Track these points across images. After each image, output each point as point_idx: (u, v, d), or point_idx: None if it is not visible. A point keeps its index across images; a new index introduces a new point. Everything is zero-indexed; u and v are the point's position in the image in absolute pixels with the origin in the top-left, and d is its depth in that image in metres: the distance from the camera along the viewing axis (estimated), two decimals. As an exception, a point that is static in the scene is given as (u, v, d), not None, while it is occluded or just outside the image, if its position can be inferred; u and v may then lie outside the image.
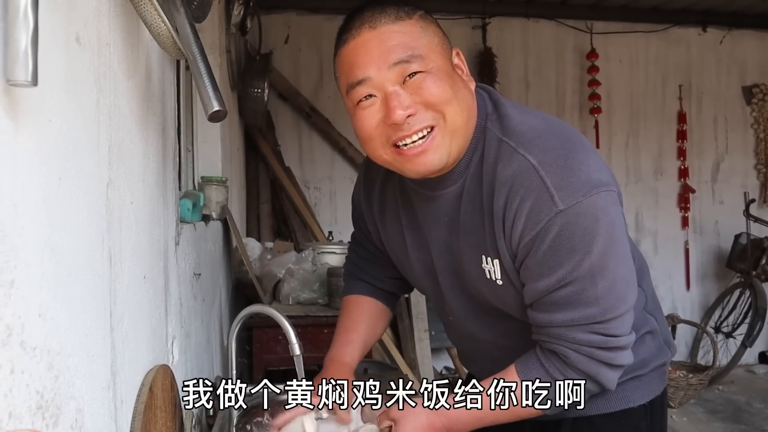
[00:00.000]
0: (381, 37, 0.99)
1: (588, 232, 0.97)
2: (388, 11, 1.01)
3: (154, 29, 0.86)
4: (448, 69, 1.03)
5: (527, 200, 0.98)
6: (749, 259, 4.59)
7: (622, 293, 1.03)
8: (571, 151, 1.00)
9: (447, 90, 1.00)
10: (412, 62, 0.99)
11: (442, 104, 1.00)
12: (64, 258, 0.65)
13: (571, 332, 1.04)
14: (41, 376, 0.58)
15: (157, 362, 1.10)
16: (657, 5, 4.74)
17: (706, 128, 5.07)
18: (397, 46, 0.99)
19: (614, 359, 1.06)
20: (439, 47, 1.03)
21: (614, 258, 1.01)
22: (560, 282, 1.00)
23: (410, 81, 0.99)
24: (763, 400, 4.17)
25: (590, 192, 0.97)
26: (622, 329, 1.05)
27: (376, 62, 0.99)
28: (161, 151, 1.18)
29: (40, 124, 0.60)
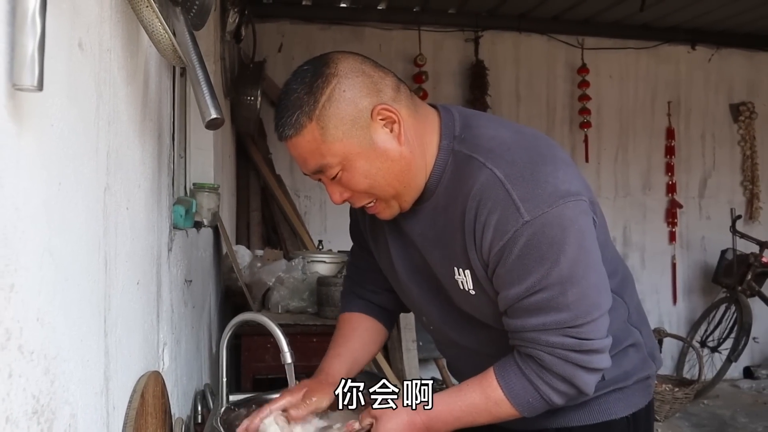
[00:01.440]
0: (294, 149, 1.08)
1: (555, 242, 1.00)
2: (288, 123, 1.06)
3: (154, 36, 0.87)
4: (362, 151, 1.06)
5: (494, 212, 1.02)
6: (735, 275, 4.63)
7: (594, 299, 1.05)
8: (538, 164, 1.04)
9: (365, 179, 1.07)
10: (325, 170, 1.07)
11: (366, 189, 1.09)
12: (62, 262, 0.65)
13: (544, 336, 1.05)
14: (38, 380, 0.58)
15: (149, 368, 1.09)
16: (647, 23, 4.80)
17: (694, 145, 5.13)
18: (307, 158, 1.07)
19: (589, 362, 1.07)
20: (346, 137, 1.05)
21: (583, 266, 1.03)
22: (530, 290, 1.03)
23: (335, 179, 1.09)
24: (748, 414, 4.20)
25: (556, 203, 1.00)
26: (596, 333, 1.06)
27: (301, 166, 1.11)
28: (157, 157, 1.18)
29: (43, 129, 0.60)
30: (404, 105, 1.09)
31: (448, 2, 4.50)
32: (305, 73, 1.07)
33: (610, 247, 1.24)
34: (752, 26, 4.86)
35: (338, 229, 4.28)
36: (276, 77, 4.37)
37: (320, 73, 1.05)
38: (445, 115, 1.14)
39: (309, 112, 1.04)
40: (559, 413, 1.21)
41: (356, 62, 1.07)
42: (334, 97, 1.04)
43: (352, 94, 1.04)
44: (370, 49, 4.48)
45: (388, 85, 1.08)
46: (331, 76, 1.04)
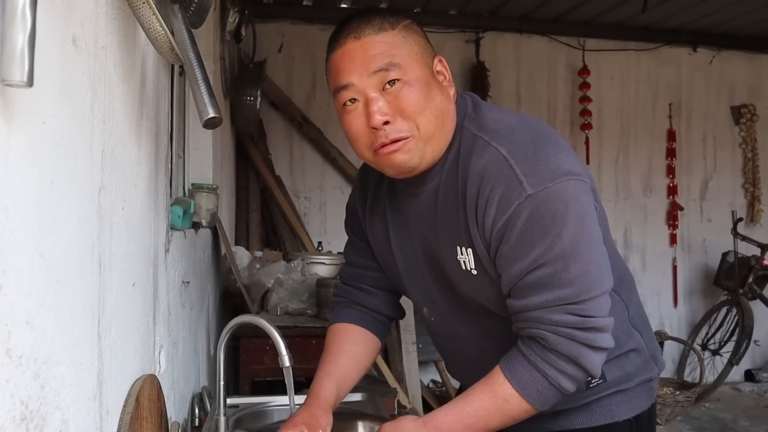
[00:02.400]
0: (364, 47, 1.08)
1: (558, 216, 1.01)
2: (372, 22, 1.09)
3: (151, 33, 0.85)
4: (425, 77, 1.09)
5: (498, 187, 1.04)
6: (736, 277, 4.62)
7: (596, 276, 1.05)
8: (541, 145, 1.06)
9: (421, 100, 1.07)
10: (390, 71, 1.06)
11: (415, 114, 1.07)
12: (54, 264, 0.63)
13: (547, 314, 1.04)
14: (27, 385, 0.56)
15: (144, 371, 1.08)
16: (649, 24, 4.79)
17: (695, 147, 5.11)
18: (377, 55, 1.07)
19: (594, 340, 1.05)
20: (418, 56, 1.10)
21: (586, 242, 1.04)
22: (533, 264, 1.03)
23: (389, 89, 1.07)
24: (749, 417, 4.18)
25: (559, 179, 1.02)
26: (598, 310, 1.05)
27: (358, 70, 1.07)
28: (154, 156, 1.17)
29: (34, 126, 0.58)
30: None
31: (449, 3, 4.49)
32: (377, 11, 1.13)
33: (610, 244, 1.23)
34: (754, 28, 4.85)
35: (338, 231, 4.26)
36: (276, 78, 4.36)
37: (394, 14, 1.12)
38: (459, 97, 1.18)
39: (393, 23, 1.09)
40: (561, 416, 1.21)
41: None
42: (413, 26, 1.12)
43: (422, 36, 1.13)
44: (371, 49, 4.47)
45: None
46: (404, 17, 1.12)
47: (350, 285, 1.40)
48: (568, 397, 1.18)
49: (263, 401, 1.61)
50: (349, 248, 1.41)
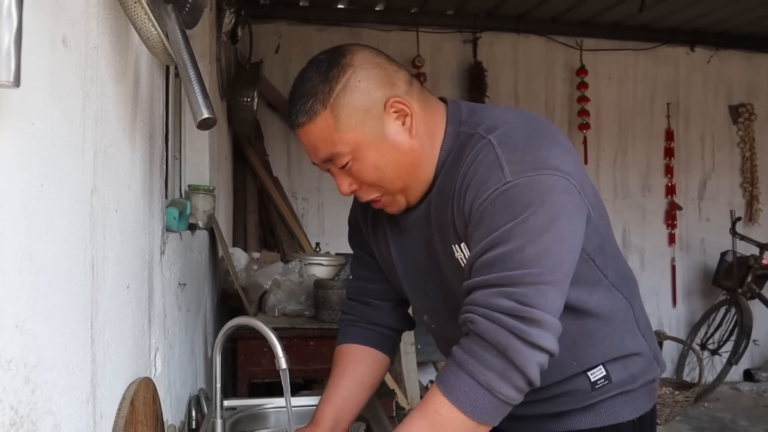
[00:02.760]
0: (306, 137, 1.09)
1: (529, 204, 0.98)
2: (302, 110, 1.06)
3: (144, 33, 0.84)
4: (374, 142, 1.07)
5: (480, 172, 1.03)
6: (735, 277, 4.62)
7: (549, 265, 0.98)
8: (534, 138, 1.04)
9: (375, 170, 1.08)
10: (336, 159, 1.08)
11: (375, 182, 1.09)
12: (44, 267, 0.62)
13: (484, 296, 0.98)
14: (16, 390, 0.55)
15: (139, 374, 1.07)
16: (646, 24, 4.78)
17: (694, 146, 5.11)
18: (318, 147, 1.08)
19: (528, 333, 0.95)
20: (359, 125, 1.06)
21: (551, 235, 0.98)
22: (490, 243, 0.99)
23: (344, 168, 1.09)
24: (749, 417, 4.18)
25: (542, 171, 0.99)
26: (539, 301, 0.96)
27: (312, 155, 1.11)
28: (148, 158, 1.16)
29: (22, 128, 0.57)
30: (416, 99, 1.10)
31: (447, 3, 4.48)
32: (321, 62, 1.08)
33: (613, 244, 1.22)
34: (751, 27, 4.85)
35: (336, 232, 4.26)
36: (273, 78, 4.35)
37: (336, 63, 1.06)
38: (452, 106, 1.15)
39: (323, 100, 1.05)
40: (566, 416, 1.20)
41: (371, 54, 1.09)
42: (349, 86, 1.05)
43: (367, 84, 1.05)
44: (368, 50, 4.46)
45: (401, 78, 1.09)
46: (347, 66, 1.05)
47: (355, 300, 1.39)
48: (573, 398, 1.18)
49: (260, 403, 1.60)
50: (354, 262, 1.41)
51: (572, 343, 1.14)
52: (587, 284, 1.13)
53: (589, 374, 1.18)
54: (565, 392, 1.19)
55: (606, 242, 1.16)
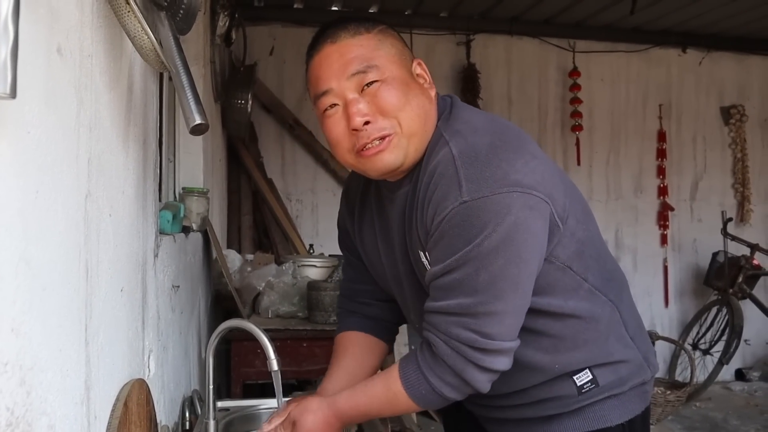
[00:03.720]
0: (341, 51, 1.09)
1: (485, 226, 0.99)
2: (348, 27, 1.11)
3: (137, 42, 0.86)
4: (404, 78, 1.10)
5: (440, 188, 1.04)
6: (726, 277, 4.65)
7: (501, 290, 1.02)
8: (498, 149, 1.04)
9: (401, 98, 1.08)
10: (368, 72, 1.08)
11: (395, 111, 1.08)
12: (40, 271, 0.64)
13: (444, 323, 1.06)
14: (12, 392, 0.57)
15: (133, 376, 1.08)
16: (638, 26, 4.81)
17: (685, 147, 5.14)
18: (354, 58, 1.08)
19: (482, 361, 1.05)
20: (396, 57, 1.11)
21: (504, 256, 1.00)
22: (448, 267, 1.03)
23: (368, 90, 1.08)
24: (740, 416, 4.21)
25: (500, 190, 0.99)
26: (497, 331, 1.04)
27: (336, 74, 1.09)
28: (142, 162, 1.17)
29: (18, 136, 0.59)
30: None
31: (440, 5, 4.50)
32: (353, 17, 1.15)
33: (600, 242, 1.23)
34: (743, 29, 4.88)
35: (330, 233, 4.27)
36: (267, 81, 4.37)
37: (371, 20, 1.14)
38: (440, 100, 1.19)
39: (369, 27, 1.11)
40: (554, 420, 1.20)
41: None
42: (388, 31, 1.14)
43: (400, 40, 1.15)
44: (362, 52, 4.47)
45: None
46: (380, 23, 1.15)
47: (349, 299, 1.43)
48: (560, 402, 1.18)
49: (253, 404, 1.61)
50: (345, 265, 1.45)
51: (552, 346, 1.15)
52: (563, 291, 1.13)
53: (575, 378, 1.18)
54: (551, 397, 1.19)
55: (586, 247, 1.15)
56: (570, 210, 1.11)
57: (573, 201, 1.13)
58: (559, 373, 1.18)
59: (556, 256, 1.10)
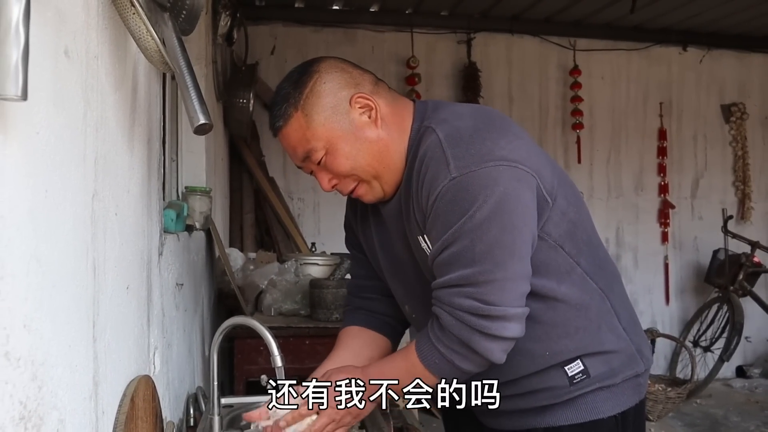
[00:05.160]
0: (285, 140, 1.21)
1: (475, 198, 1.05)
2: (278, 115, 1.20)
3: (141, 43, 0.87)
4: (343, 135, 1.17)
5: (430, 170, 1.10)
6: (727, 275, 4.66)
7: (499, 258, 1.07)
8: (482, 130, 1.11)
9: (347, 160, 1.17)
10: (311, 155, 1.19)
11: (349, 171, 1.18)
12: (49, 269, 0.65)
13: (447, 295, 1.10)
14: (25, 386, 0.58)
15: (139, 372, 1.10)
16: (639, 24, 4.82)
17: (686, 145, 5.15)
18: (295, 147, 1.20)
19: (488, 328, 1.08)
20: (328, 121, 1.17)
21: (497, 225, 1.06)
22: (445, 243, 1.09)
23: (321, 164, 1.19)
24: (740, 413, 4.22)
25: (486, 164, 1.06)
26: (500, 298, 1.08)
27: (294, 158, 1.23)
28: (146, 162, 1.19)
29: (28, 137, 0.60)
30: (382, 96, 1.21)
31: (441, 4, 4.51)
32: (292, 74, 1.23)
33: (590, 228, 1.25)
34: (743, 27, 4.89)
35: (331, 232, 4.28)
36: (269, 80, 4.37)
37: (304, 72, 1.21)
38: (419, 105, 1.24)
39: (295, 103, 1.18)
40: (546, 411, 1.22)
41: (337, 62, 1.22)
42: (316, 89, 1.18)
43: (332, 86, 1.18)
44: (363, 51, 4.49)
45: (366, 80, 1.21)
46: (314, 72, 1.19)
47: (356, 296, 1.46)
48: (551, 393, 1.21)
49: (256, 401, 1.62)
50: (353, 263, 1.49)
51: (543, 333, 1.18)
52: (557, 273, 1.17)
53: (566, 369, 1.20)
54: (542, 387, 1.21)
55: (577, 229, 1.19)
56: (559, 190, 1.16)
57: (562, 183, 1.18)
58: (550, 362, 1.20)
59: (548, 233, 1.14)
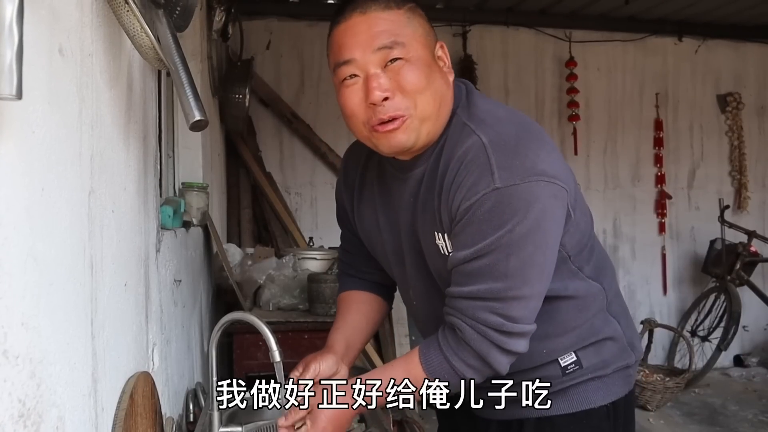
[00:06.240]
0: (369, 22, 1.08)
1: (516, 213, 1.03)
2: (379, 0, 1.09)
3: (136, 40, 0.87)
4: (427, 59, 1.10)
5: (471, 174, 1.06)
6: (724, 264, 4.67)
7: (529, 276, 1.07)
8: (523, 140, 1.08)
9: (422, 79, 1.08)
10: (394, 48, 1.07)
11: (415, 92, 1.08)
12: (47, 267, 0.65)
13: (472, 308, 1.08)
14: (23, 384, 0.58)
15: (138, 369, 1.10)
16: (634, 15, 4.81)
17: (682, 136, 5.15)
18: (382, 32, 1.07)
19: (506, 344, 1.09)
20: (422, 38, 1.11)
21: (533, 243, 1.05)
22: (477, 253, 1.05)
23: (391, 66, 1.07)
24: (738, 402, 4.24)
25: (530, 178, 1.03)
26: (522, 314, 1.08)
27: (361, 45, 1.08)
28: (142, 159, 1.19)
29: (23, 136, 0.60)
30: None
31: (436, -3, 4.51)
32: None
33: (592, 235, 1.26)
34: (738, 17, 4.89)
35: (329, 226, 4.29)
36: (264, 75, 4.37)
37: None
38: (456, 84, 1.19)
39: (399, 3, 1.10)
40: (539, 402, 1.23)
41: None
42: (417, 11, 1.13)
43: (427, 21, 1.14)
44: (359, 45, 4.47)
45: None
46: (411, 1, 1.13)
47: (349, 264, 1.45)
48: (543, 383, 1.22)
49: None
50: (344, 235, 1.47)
51: (543, 333, 1.18)
52: (561, 278, 1.18)
53: (559, 359, 1.22)
54: (535, 378, 1.22)
55: (584, 237, 1.20)
56: (576, 201, 1.15)
57: (578, 192, 1.17)
58: (546, 359, 1.22)
59: (563, 245, 1.14)
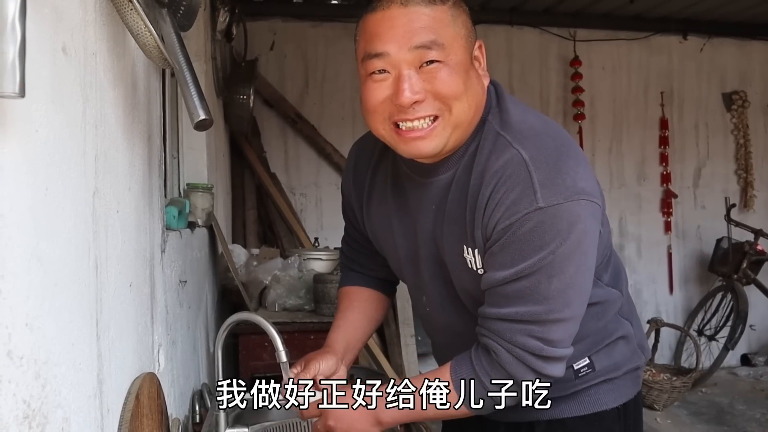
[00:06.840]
0: (410, 16, 0.99)
1: (559, 234, 0.98)
2: None
3: (140, 39, 0.87)
4: (466, 63, 1.03)
5: (512, 191, 0.99)
6: (731, 263, 4.64)
7: (571, 299, 1.03)
8: (563, 155, 1.02)
9: (460, 85, 1.01)
10: (432, 49, 0.99)
11: (451, 98, 1.01)
12: (51, 267, 0.65)
13: (510, 331, 1.03)
14: (28, 385, 0.58)
15: (144, 370, 1.10)
16: (639, 13, 4.79)
17: (688, 134, 5.13)
18: (423, 29, 0.99)
19: (544, 369, 1.05)
20: (463, 40, 1.03)
21: (575, 265, 1.01)
22: (518, 274, 1.00)
23: (426, 68, 1.00)
24: (746, 401, 4.22)
25: (572, 197, 0.98)
26: (560, 337, 1.04)
27: (398, 40, 0.99)
28: (147, 159, 1.19)
29: (27, 135, 0.60)
30: None
31: (440, -3, 4.49)
32: None
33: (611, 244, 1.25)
34: (743, 15, 4.86)
35: (334, 226, 4.28)
36: (268, 75, 4.37)
37: None
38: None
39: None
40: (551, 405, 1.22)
41: None
42: (462, 7, 1.05)
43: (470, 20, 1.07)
44: (362, 45, 4.47)
45: None
46: None
47: (352, 259, 1.43)
48: (556, 387, 1.20)
49: (262, 397, 1.62)
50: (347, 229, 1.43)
51: None
52: None
53: (573, 364, 1.20)
54: None
55: (606, 249, 1.18)
56: (603, 213, 1.11)
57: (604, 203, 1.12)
58: None
59: None
